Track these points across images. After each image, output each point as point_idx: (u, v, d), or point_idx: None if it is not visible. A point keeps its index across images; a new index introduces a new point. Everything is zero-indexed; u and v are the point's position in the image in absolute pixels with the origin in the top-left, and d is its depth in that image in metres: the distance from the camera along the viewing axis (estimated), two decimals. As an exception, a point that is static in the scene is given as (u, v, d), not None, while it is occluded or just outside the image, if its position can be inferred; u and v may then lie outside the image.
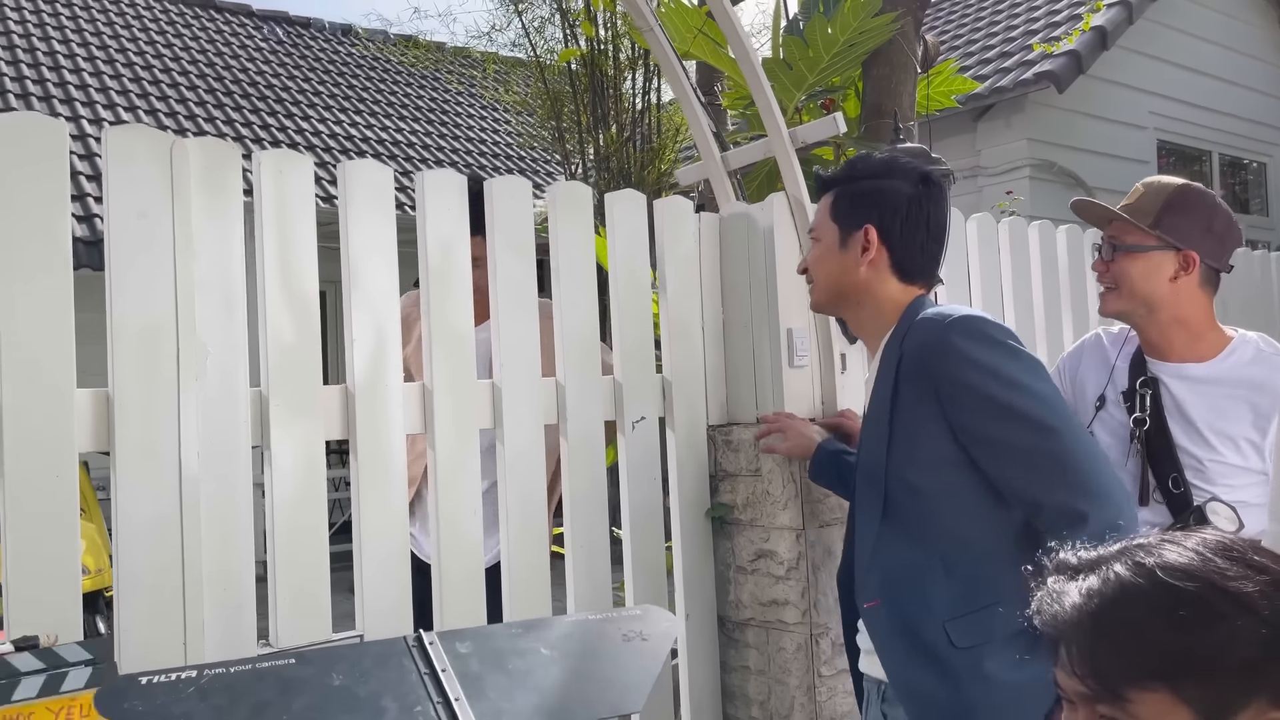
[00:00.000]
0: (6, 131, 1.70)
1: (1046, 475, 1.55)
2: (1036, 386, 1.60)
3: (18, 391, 1.67)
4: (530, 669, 1.54)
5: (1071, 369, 2.21)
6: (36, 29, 10.35)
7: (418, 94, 12.52)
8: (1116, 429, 2.05)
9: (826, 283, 1.83)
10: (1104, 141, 7.78)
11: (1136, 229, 1.98)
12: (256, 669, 1.36)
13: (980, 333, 1.63)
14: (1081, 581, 0.86)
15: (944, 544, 1.62)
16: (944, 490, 1.62)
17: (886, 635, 1.67)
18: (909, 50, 3.71)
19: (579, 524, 2.36)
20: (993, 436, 1.59)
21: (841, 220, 1.81)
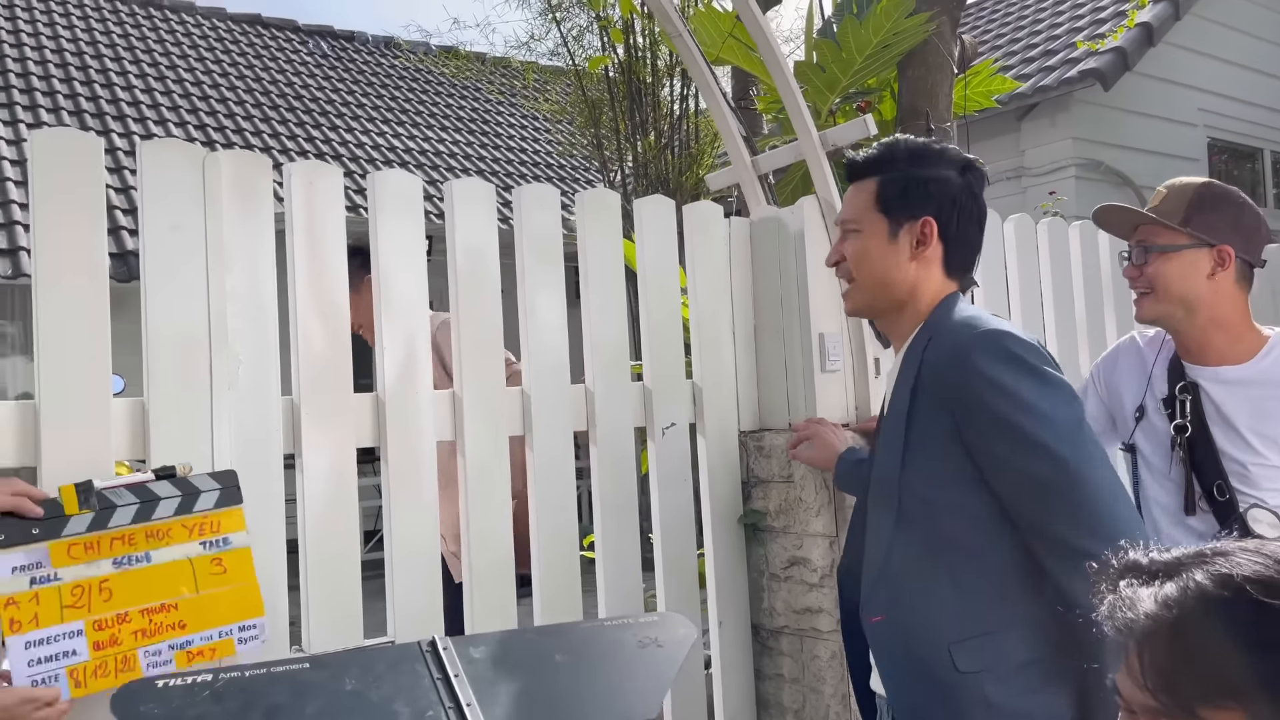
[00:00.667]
0: (44, 146, 1.75)
1: (1056, 509, 1.46)
2: (1056, 413, 1.50)
3: (55, 402, 1.71)
4: (544, 675, 1.53)
5: (1106, 374, 2.16)
6: (89, 46, 10.63)
7: (459, 104, 12.64)
8: (1158, 437, 2.00)
9: (873, 280, 1.67)
10: (1152, 139, 7.63)
11: (1167, 229, 1.94)
12: (271, 673, 1.37)
13: (1003, 350, 1.52)
14: (1158, 588, 0.82)
15: (955, 562, 1.54)
16: (958, 507, 1.54)
17: (889, 653, 1.60)
18: (945, 50, 3.66)
19: (609, 530, 2.36)
20: (1006, 461, 1.50)
21: (891, 210, 1.65)
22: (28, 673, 1.53)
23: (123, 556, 1.64)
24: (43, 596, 1.56)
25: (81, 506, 1.62)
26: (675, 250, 2.55)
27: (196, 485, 1.73)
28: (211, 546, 1.72)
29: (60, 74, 9.83)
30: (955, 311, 1.63)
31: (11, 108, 8.87)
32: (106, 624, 1.60)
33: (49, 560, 1.58)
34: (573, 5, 7.92)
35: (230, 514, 1.76)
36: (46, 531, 1.58)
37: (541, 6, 8.46)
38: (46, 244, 1.73)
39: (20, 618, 1.53)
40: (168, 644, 1.64)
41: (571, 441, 2.32)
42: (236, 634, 1.72)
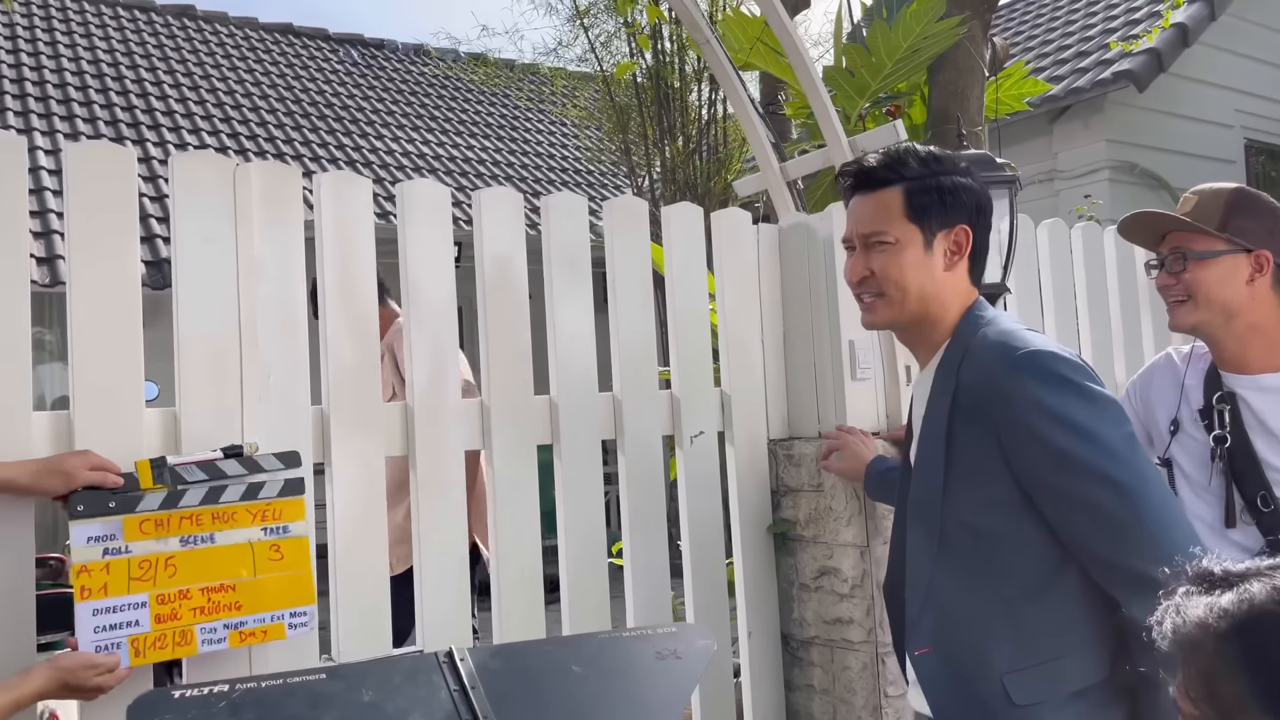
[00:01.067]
0: (79, 159, 1.77)
1: (1115, 535, 1.40)
2: (1109, 434, 1.44)
3: (88, 412, 1.73)
4: (560, 687, 1.52)
5: (1142, 391, 2.12)
6: (124, 56, 10.79)
7: (487, 111, 12.70)
8: (1196, 450, 1.95)
9: (908, 294, 1.57)
10: (1188, 141, 7.51)
11: (1204, 234, 1.89)
12: (287, 684, 1.38)
13: (1050, 372, 1.45)
14: (1215, 597, 0.80)
15: (1005, 589, 1.47)
16: (1005, 533, 1.48)
17: (939, 687, 1.52)
18: (976, 54, 3.63)
19: (638, 539, 2.35)
20: (1059, 488, 1.44)
21: (923, 219, 1.57)
22: (93, 638, 1.60)
23: (190, 535, 1.72)
24: (113, 567, 1.64)
25: (156, 481, 1.70)
26: (704, 257, 2.54)
27: (261, 464, 1.80)
28: (272, 533, 1.79)
29: (96, 84, 9.99)
30: (987, 323, 1.56)
31: (49, 118, 9.02)
32: (168, 598, 1.67)
33: (122, 533, 1.66)
34: (600, 11, 7.93)
35: (292, 503, 1.83)
36: (122, 506, 1.66)
37: (569, 13, 8.47)
38: (81, 255, 1.75)
39: (91, 585, 1.61)
40: (223, 623, 1.71)
41: (599, 450, 2.32)
42: (288, 619, 1.78)
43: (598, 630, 2.12)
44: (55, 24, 11.04)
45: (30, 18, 10.94)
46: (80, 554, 1.62)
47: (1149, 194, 7.17)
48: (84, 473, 1.62)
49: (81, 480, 1.62)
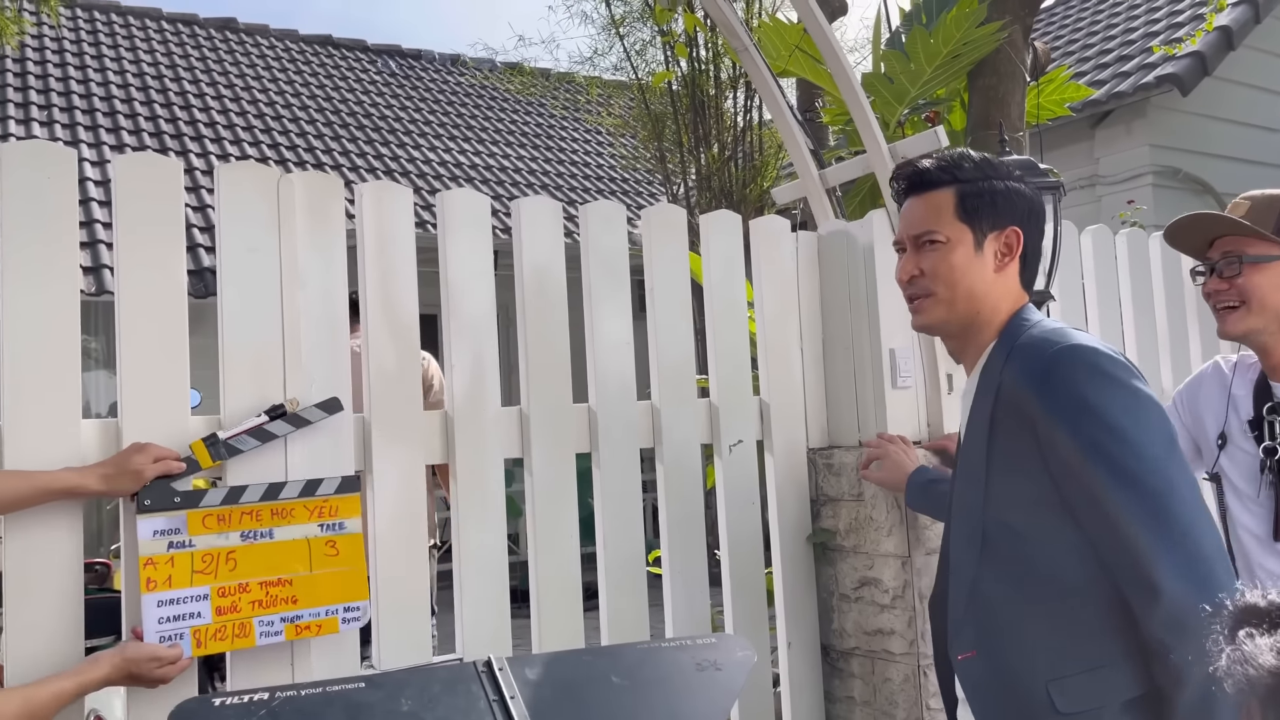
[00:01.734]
0: (127, 170, 1.80)
1: (1134, 540, 1.36)
2: (1145, 435, 1.40)
3: (135, 419, 1.75)
4: (600, 697, 1.51)
5: (1189, 400, 2.07)
6: (168, 69, 10.98)
7: (523, 120, 12.78)
8: (1244, 461, 1.91)
9: (958, 294, 1.57)
10: (1233, 145, 7.38)
11: (1260, 238, 1.85)
12: (326, 693, 1.38)
13: (1090, 365, 1.43)
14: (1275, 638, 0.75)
15: (1049, 592, 1.44)
16: (1048, 534, 1.45)
17: (983, 693, 1.50)
18: (1017, 59, 3.58)
19: (676, 547, 2.34)
20: (1084, 483, 1.41)
21: (975, 221, 1.57)
22: (157, 629, 1.66)
23: (250, 531, 1.77)
24: (177, 560, 1.70)
25: (214, 459, 1.77)
26: (742, 265, 2.53)
27: (306, 417, 1.86)
28: (328, 529, 1.85)
29: (141, 96, 10.17)
30: (1033, 324, 1.55)
31: (95, 130, 9.20)
32: (229, 591, 1.73)
33: (186, 528, 1.72)
34: (636, 20, 7.95)
35: (348, 500, 1.88)
36: (187, 501, 1.72)
37: (604, 22, 8.50)
38: (128, 265, 1.78)
39: (156, 578, 1.68)
40: (280, 616, 1.77)
41: (638, 458, 2.31)
42: (341, 614, 1.84)
43: (636, 639, 2.11)
44: (101, 37, 11.27)
45: (77, 31, 11.17)
46: (146, 547, 1.68)
47: (1193, 199, 7.04)
48: (151, 468, 1.67)
49: (150, 476, 1.67)
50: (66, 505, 1.68)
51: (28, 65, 9.97)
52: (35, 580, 1.65)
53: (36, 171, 1.70)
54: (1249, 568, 1.92)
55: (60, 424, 1.69)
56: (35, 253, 1.69)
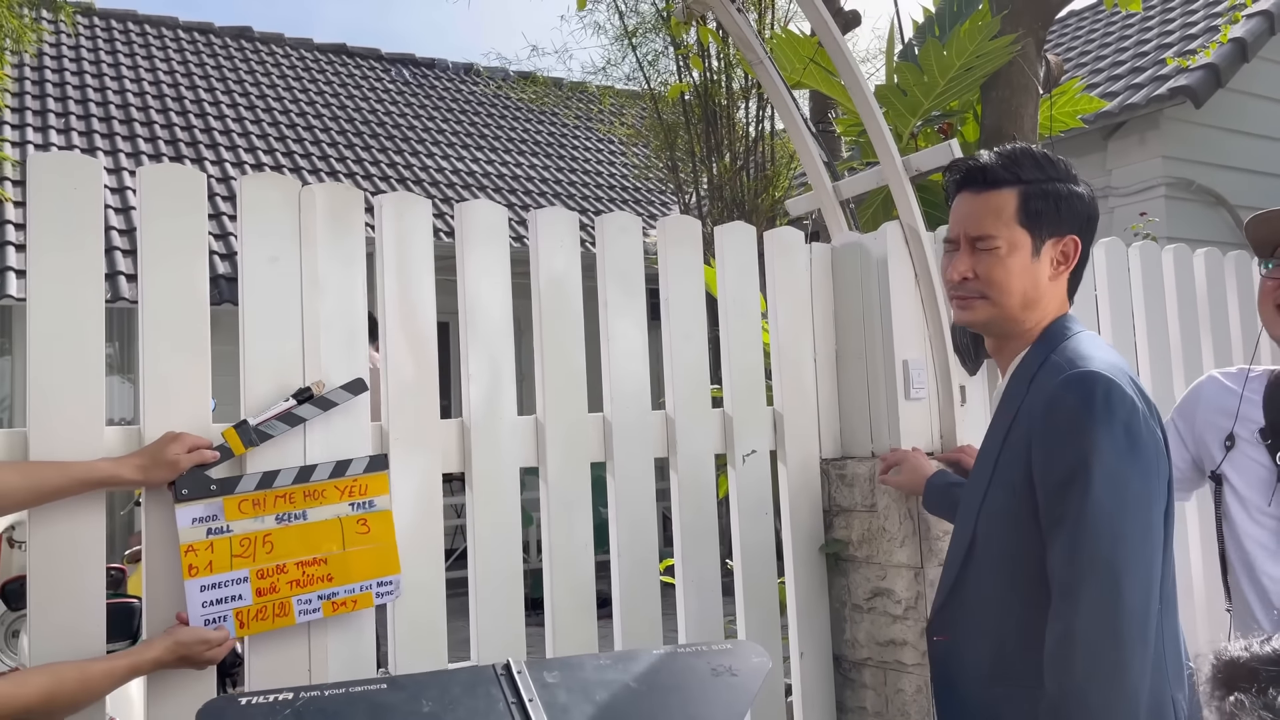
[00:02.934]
0: (151, 180, 1.82)
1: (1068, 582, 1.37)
2: (1123, 485, 1.38)
3: (157, 427, 1.78)
4: (617, 701, 1.53)
5: (1188, 415, 2.07)
6: (184, 77, 11.07)
7: (535, 129, 12.84)
8: (1253, 470, 1.91)
9: (1009, 300, 1.54)
10: (1247, 157, 7.36)
11: None
12: (349, 694, 1.41)
13: (1091, 398, 1.40)
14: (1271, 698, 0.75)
15: (1015, 604, 1.47)
16: (1031, 549, 1.45)
17: (943, 673, 1.58)
18: (1030, 71, 3.60)
19: (689, 556, 2.36)
20: (1050, 510, 1.42)
21: (1036, 226, 1.53)
22: (202, 613, 1.72)
23: (284, 513, 1.83)
24: (216, 546, 1.76)
25: (246, 445, 1.81)
26: (756, 276, 2.55)
27: (332, 399, 1.90)
28: (359, 508, 1.90)
29: (157, 104, 10.26)
30: (1071, 335, 1.53)
31: (111, 137, 9.28)
32: (267, 573, 1.79)
33: (223, 514, 1.77)
34: (648, 30, 7.99)
35: (377, 479, 1.93)
36: (222, 488, 1.78)
37: (617, 32, 8.55)
38: (153, 274, 1.80)
39: (198, 564, 1.73)
40: (317, 594, 1.83)
41: (652, 468, 2.33)
42: (375, 589, 1.89)
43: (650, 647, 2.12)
44: (118, 45, 11.38)
45: (94, 39, 11.28)
46: (186, 535, 1.73)
47: (1207, 211, 7.03)
48: (186, 458, 1.71)
49: (185, 465, 1.71)
50: (90, 507, 1.71)
51: (45, 73, 10.07)
52: (60, 581, 1.68)
53: (64, 179, 1.73)
54: (1254, 577, 1.92)
55: (85, 429, 1.71)
56: (62, 260, 1.71)
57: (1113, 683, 1.31)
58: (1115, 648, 1.32)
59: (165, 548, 1.78)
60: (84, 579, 1.70)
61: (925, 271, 2.50)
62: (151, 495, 1.78)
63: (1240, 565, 1.95)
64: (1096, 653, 1.33)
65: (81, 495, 1.67)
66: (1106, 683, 1.32)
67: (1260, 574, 1.90)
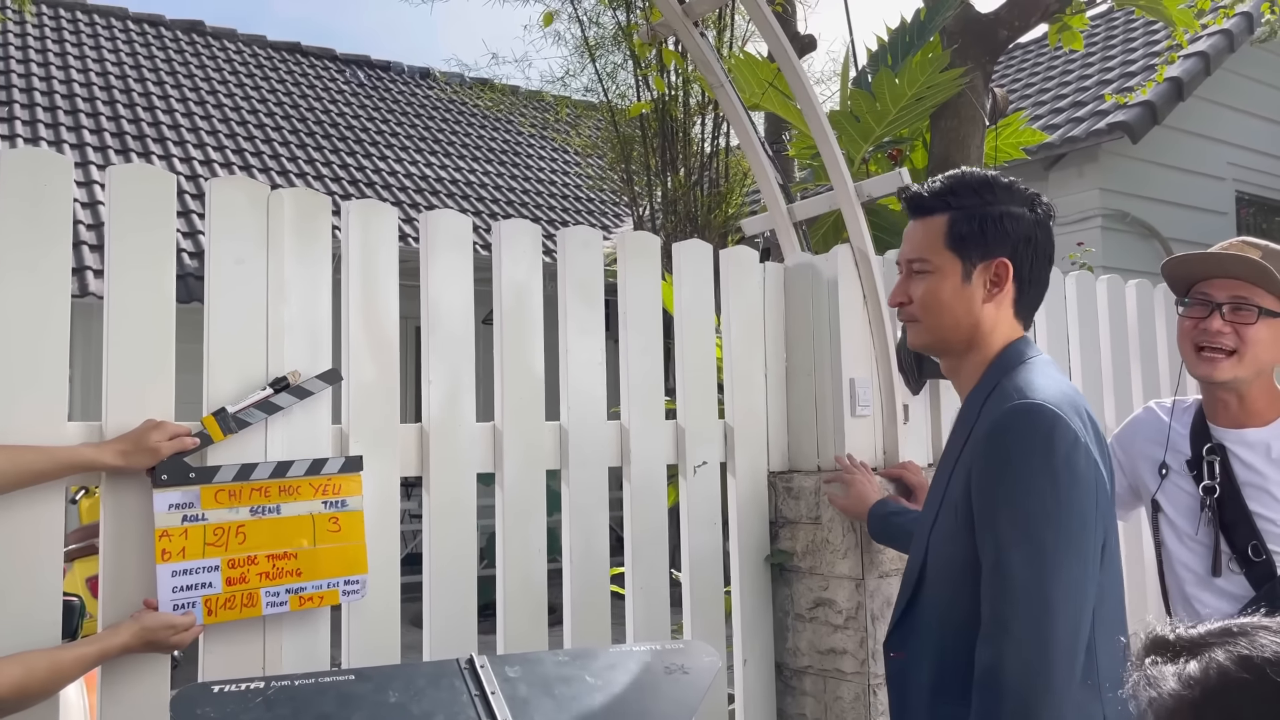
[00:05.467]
0: (121, 180, 1.84)
1: (1008, 612, 1.40)
2: (1054, 521, 1.40)
3: (120, 423, 1.79)
4: (575, 695, 1.59)
5: (1127, 444, 2.17)
6: (132, 70, 10.89)
7: (491, 136, 12.84)
8: (1183, 500, 2.00)
9: (941, 323, 1.59)
10: (1180, 192, 7.66)
11: (1274, 294, 1.88)
12: (319, 683, 1.46)
13: (1032, 430, 1.43)
14: (1181, 666, 0.81)
15: (957, 623, 1.50)
16: (967, 575, 1.48)
17: (897, 689, 1.62)
18: (978, 103, 3.74)
19: (639, 566, 2.41)
20: (982, 542, 1.45)
21: (964, 249, 1.56)
22: (171, 598, 1.75)
23: (259, 506, 1.87)
24: (190, 533, 1.80)
25: (224, 432, 1.85)
26: (711, 293, 2.62)
27: (308, 389, 1.96)
28: (331, 506, 1.95)
29: (104, 96, 10.07)
30: (1023, 364, 1.54)
31: (56, 128, 9.11)
32: (238, 563, 1.83)
33: (199, 502, 1.81)
34: (609, 43, 8.07)
35: (350, 479, 1.98)
36: (200, 477, 1.82)
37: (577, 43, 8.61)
38: (119, 274, 1.82)
39: (171, 549, 1.77)
40: (285, 588, 1.87)
41: (606, 476, 2.38)
42: (342, 587, 1.94)
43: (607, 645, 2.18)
44: (66, 35, 11.15)
45: (41, 28, 11.04)
46: (162, 520, 1.77)
47: (1140, 242, 7.30)
48: (166, 444, 1.74)
49: (166, 452, 1.74)
50: (51, 498, 1.71)
51: (-11, 59, 9.84)
52: (19, 572, 1.68)
53: (33, 177, 1.74)
54: (1185, 601, 2.01)
55: (47, 425, 1.72)
56: (28, 257, 1.72)
57: (1039, 711, 1.36)
58: (1043, 679, 1.36)
59: (129, 536, 1.79)
60: (43, 570, 1.71)
61: (873, 293, 2.59)
62: (116, 483, 1.79)
63: (1175, 589, 2.04)
64: (1023, 683, 1.37)
65: (42, 486, 1.68)
66: (1032, 711, 1.36)
67: (1191, 598, 1.99)
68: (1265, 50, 8.20)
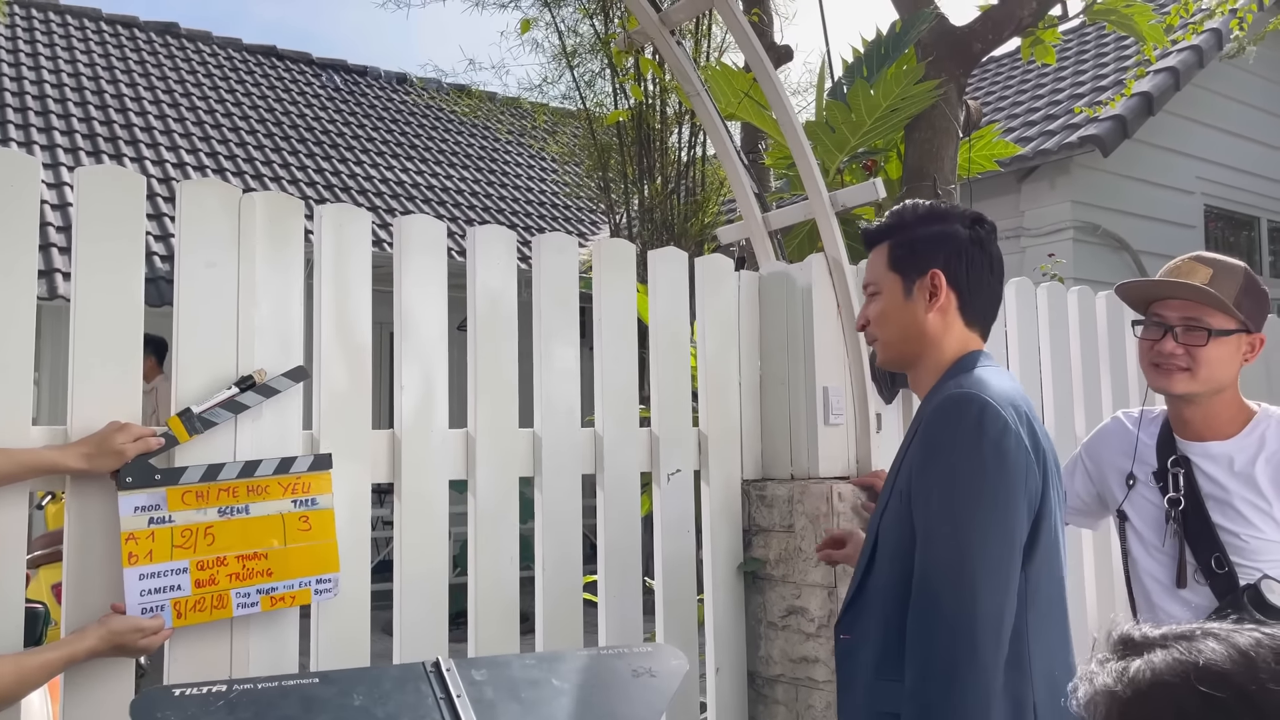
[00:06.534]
0: (89, 181, 1.82)
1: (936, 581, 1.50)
2: (983, 501, 1.50)
3: (86, 427, 1.76)
4: (541, 699, 1.59)
5: (1095, 453, 2.19)
6: (105, 71, 10.78)
7: (468, 143, 12.81)
8: (1149, 511, 2.02)
9: (894, 336, 1.74)
10: (1150, 205, 7.76)
11: (1223, 313, 1.92)
12: (282, 686, 1.44)
13: (964, 416, 1.54)
14: (1126, 663, 0.82)
15: (899, 602, 1.58)
16: (909, 553, 1.58)
17: (844, 662, 1.71)
18: (951, 115, 3.77)
19: (612, 573, 2.41)
20: (925, 520, 1.54)
21: (903, 268, 1.72)
22: (139, 601, 1.73)
23: (227, 507, 1.85)
24: (158, 535, 1.77)
25: (190, 432, 1.84)
26: (686, 301, 2.62)
27: (274, 386, 1.94)
28: (301, 505, 1.93)
29: (76, 98, 9.96)
30: (974, 370, 1.65)
31: (26, 129, 8.99)
32: (207, 565, 1.81)
33: (166, 504, 1.79)
34: (586, 52, 8.07)
35: (320, 477, 1.96)
36: (166, 478, 1.79)
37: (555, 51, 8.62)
38: (87, 276, 1.80)
39: (138, 552, 1.74)
40: (256, 588, 1.85)
41: (580, 484, 2.38)
42: (314, 585, 1.92)
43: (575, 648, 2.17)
44: (38, 35, 11.02)
45: (13, 29, 10.91)
46: (128, 523, 1.74)
47: (1110, 255, 7.38)
48: (131, 446, 1.72)
49: (131, 454, 1.72)
50: (13, 502, 1.69)
51: (-42, 59, 9.71)
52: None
53: (1, 178, 1.71)
54: (1152, 610, 2.03)
55: (11, 429, 1.70)
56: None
57: (965, 678, 1.45)
58: (967, 651, 1.45)
59: (95, 540, 1.77)
60: (4, 575, 1.68)
61: (847, 302, 2.61)
62: (81, 487, 1.77)
63: (1141, 599, 2.06)
64: (948, 656, 1.46)
65: (3, 489, 1.66)
66: (959, 678, 1.45)
67: (1156, 608, 2.02)
68: (1234, 66, 8.32)
